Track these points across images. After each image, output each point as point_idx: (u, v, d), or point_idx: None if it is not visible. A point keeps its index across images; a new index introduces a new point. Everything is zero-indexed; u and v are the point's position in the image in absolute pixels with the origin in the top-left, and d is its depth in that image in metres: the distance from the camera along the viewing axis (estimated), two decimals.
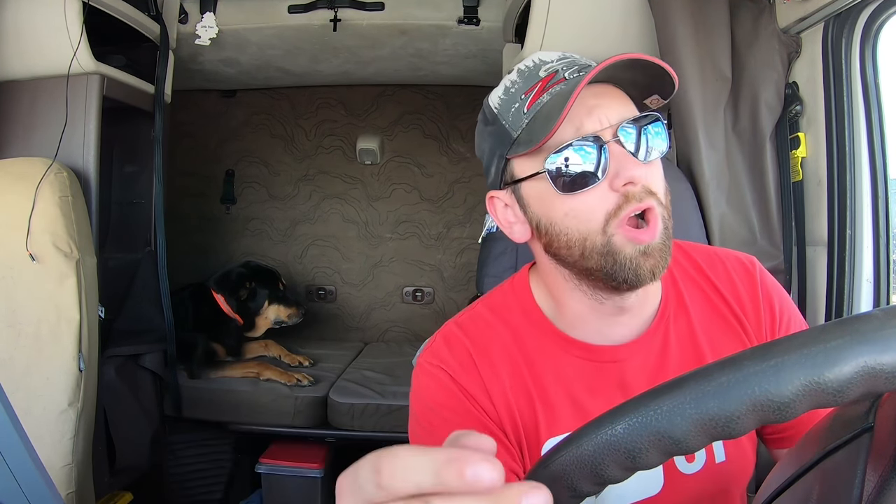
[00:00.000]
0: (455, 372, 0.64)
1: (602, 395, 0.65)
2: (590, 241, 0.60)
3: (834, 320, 0.42)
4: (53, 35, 1.48)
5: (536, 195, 0.63)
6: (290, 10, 1.93)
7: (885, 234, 1.12)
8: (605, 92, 0.60)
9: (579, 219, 0.60)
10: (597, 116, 0.59)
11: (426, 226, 2.77)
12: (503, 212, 0.68)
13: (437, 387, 0.65)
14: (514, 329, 0.68)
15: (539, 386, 0.65)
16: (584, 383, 0.65)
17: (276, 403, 1.92)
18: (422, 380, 0.67)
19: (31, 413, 1.30)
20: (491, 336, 0.67)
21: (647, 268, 0.59)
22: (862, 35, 1.10)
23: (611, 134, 0.58)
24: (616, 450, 0.38)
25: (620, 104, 0.60)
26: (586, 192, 0.59)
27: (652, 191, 0.59)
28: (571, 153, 0.58)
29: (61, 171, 1.43)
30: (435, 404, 0.64)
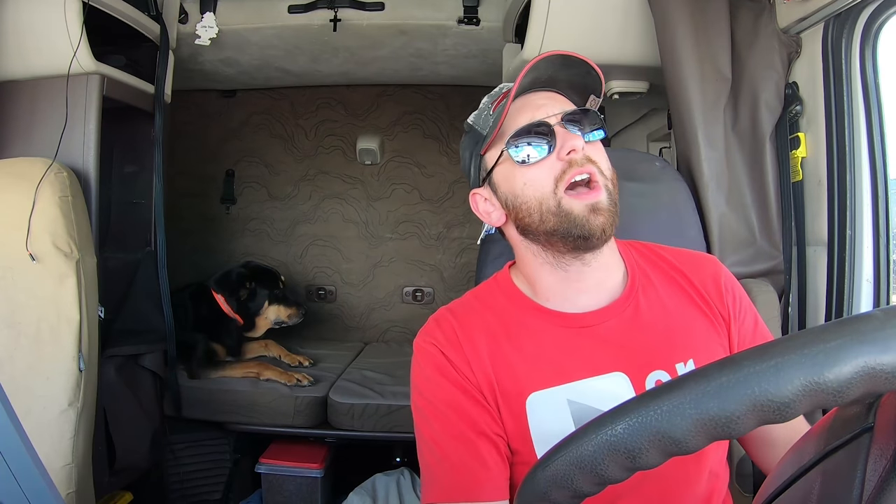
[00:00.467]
0: (443, 346, 0.76)
1: (578, 354, 0.75)
2: (544, 205, 0.74)
3: (834, 320, 0.42)
4: (53, 35, 1.48)
5: (503, 176, 0.78)
6: (290, 10, 1.93)
7: (885, 234, 1.12)
8: (551, 96, 0.78)
9: (534, 186, 0.74)
10: (544, 111, 0.75)
11: (426, 226, 2.76)
12: (483, 205, 0.82)
13: (430, 359, 0.77)
14: (497, 310, 0.80)
15: (520, 353, 0.76)
16: (560, 346, 0.76)
17: (276, 403, 1.92)
18: (418, 355, 0.79)
19: (31, 413, 1.30)
20: (475, 317, 0.79)
21: (597, 224, 0.72)
22: (862, 35, 1.10)
23: (556, 120, 0.74)
24: (616, 450, 0.38)
25: (562, 104, 0.77)
26: (538, 163, 0.74)
27: (593, 160, 0.74)
28: (524, 135, 0.74)
29: (61, 171, 1.43)
30: (429, 373, 0.76)
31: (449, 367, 0.75)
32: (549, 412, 0.73)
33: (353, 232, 2.78)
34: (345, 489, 1.90)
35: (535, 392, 0.73)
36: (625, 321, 0.77)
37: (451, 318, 0.79)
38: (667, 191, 1.20)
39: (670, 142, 1.68)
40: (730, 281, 0.82)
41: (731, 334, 0.79)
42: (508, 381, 0.74)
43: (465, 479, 0.71)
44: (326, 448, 2.00)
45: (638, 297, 0.78)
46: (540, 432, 0.73)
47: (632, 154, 1.26)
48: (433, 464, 0.73)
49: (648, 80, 1.54)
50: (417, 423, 0.77)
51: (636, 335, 0.76)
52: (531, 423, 0.73)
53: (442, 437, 0.73)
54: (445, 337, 0.77)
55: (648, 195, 1.18)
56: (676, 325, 0.77)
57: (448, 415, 0.73)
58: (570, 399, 0.73)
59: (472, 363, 0.75)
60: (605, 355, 0.75)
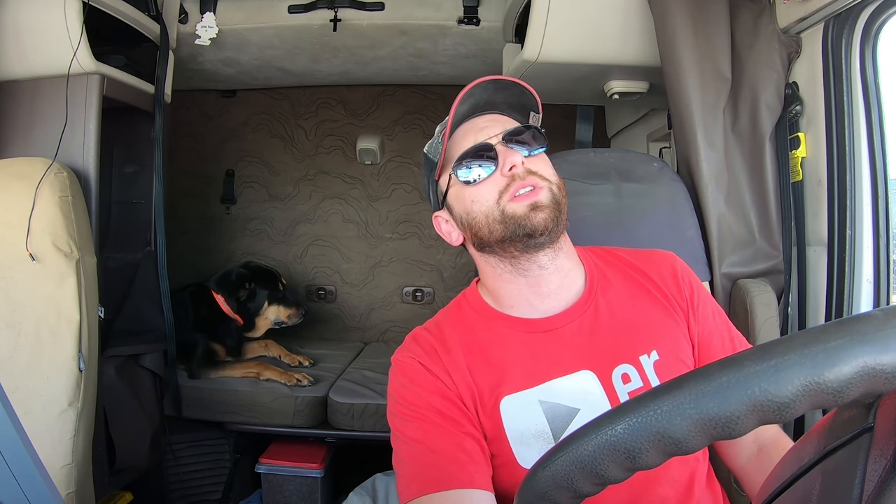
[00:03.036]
0: (423, 359, 0.80)
1: (545, 357, 0.79)
2: (490, 216, 0.78)
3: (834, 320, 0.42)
4: (53, 35, 1.48)
5: (455, 196, 0.83)
6: (290, 10, 1.93)
7: (885, 234, 1.12)
8: (494, 118, 0.83)
9: (481, 201, 0.79)
10: (486, 133, 0.81)
11: (426, 226, 2.76)
12: (445, 226, 0.87)
13: (409, 371, 0.80)
14: (467, 323, 0.84)
15: (491, 361, 0.79)
16: (528, 351, 0.79)
17: (276, 403, 1.92)
18: (396, 368, 0.82)
19: (31, 413, 1.30)
20: (449, 332, 0.83)
21: (538, 219, 0.76)
22: (862, 35, 1.10)
23: (497, 139, 0.80)
24: (616, 450, 0.38)
25: (504, 124, 0.82)
26: (484, 181, 0.79)
27: (535, 172, 0.78)
28: (469, 157, 0.80)
29: (61, 171, 1.43)
30: (407, 381, 0.79)
31: (429, 376, 0.78)
32: (523, 413, 0.76)
33: (353, 232, 2.78)
34: (345, 489, 1.90)
35: (507, 395, 0.77)
36: (587, 321, 0.81)
37: (427, 335, 0.83)
38: (665, 191, 1.20)
39: (670, 142, 1.68)
40: (686, 273, 0.87)
41: (690, 323, 0.83)
42: (484, 387, 0.78)
43: (453, 468, 0.71)
44: (326, 448, 2.00)
45: (598, 298, 0.83)
46: (515, 432, 0.76)
47: (630, 154, 1.26)
48: (415, 460, 0.73)
49: (648, 80, 1.54)
50: (396, 427, 0.77)
51: (599, 333, 0.80)
52: (506, 424, 0.76)
53: (426, 436, 0.74)
54: (424, 350, 0.81)
55: (647, 196, 1.18)
56: (637, 319, 0.82)
57: (431, 417, 0.75)
58: (541, 399, 0.77)
59: (451, 373, 0.78)
60: (571, 355, 0.78)
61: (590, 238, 1.05)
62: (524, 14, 1.50)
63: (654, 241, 1.10)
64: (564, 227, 0.80)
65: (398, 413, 0.78)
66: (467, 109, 0.83)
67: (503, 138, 0.80)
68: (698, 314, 0.84)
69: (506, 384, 0.77)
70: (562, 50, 1.42)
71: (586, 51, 1.43)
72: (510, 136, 0.80)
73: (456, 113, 0.81)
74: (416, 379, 0.78)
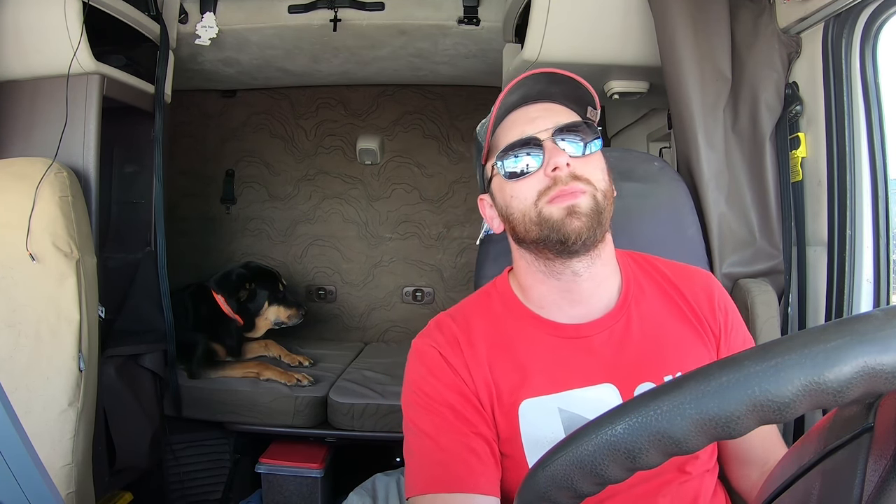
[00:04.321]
0: (443, 349, 0.77)
1: (570, 365, 0.76)
2: (527, 216, 0.75)
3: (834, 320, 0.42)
4: (53, 35, 1.48)
5: (497, 187, 0.80)
6: (290, 10, 1.93)
7: (885, 234, 1.12)
8: (548, 107, 0.77)
9: (519, 198, 0.76)
10: (536, 124, 0.76)
11: (426, 226, 2.76)
12: (489, 210, 0.84)
13: (428, 361, 0.78)
14: (494, 317, 0.81)
15: (515, 360, 0.77)
16: (553, 356, 0.77)
17: (276, 403, 1.92)
18: (415, 355, 0.80)
19: (31, 413, 1.30)
20: (474, 324, 0.80)
21: (573, 227, 0.72)
22: (862, 35, 1.10)
23: (547, 135, 0.75)
24: (616, 450, 0.38)
25: (558, 115, 0.76)
26: (526, 178, 0.75)
27: (579, 176, 0.73)
28: (513, 149, 0.76)
29: (61, 171, 1.43)
30: (426, 372, 0.77)
31: (447, 369, 0.76)
32: (541, 419, 0.74)
33: (353, 232, 2.78)
34: (345, 489, 1.90)
35: (527, 399, 0.75)
36: (616, 333, 0.78)
37: (451, 324, 0.80)
38: (666, 191, 1.20)
39: (670, 142, 1.68)
40: (723, 298, 0.84)
41: (721, 350, 0.81)
42: (504, 386, 0.76)
43: (460, 470, 0.71)
44: (326, 448, 2.00)
45: (630, 310, 0.79)
46: (531, 437, 0.74)
47: (631, 154, 1.26)
48: (424, 456, 0.73)
49: (648, 80, 1.54)
50: (409, 416, 0.77)
51: (626, 347, 0.77)
52: (523, 428, 0.74)
53: (436, 432, 0.73)
54: (446, 340, 0.78)
55: (647, 195, 1.18)
56: (667, 338, 0.78)
57: (443, 412, 0.74)
58: (560, 407, 0.75)
59: (470, 367, 0.76)
60: (596, 367, 0.76)
61: None
62: (524, 14, 1.50)
63: (656, 240, 1.10)
64: (604, 235, 0.76)
65: (412, 403, 0.76)
66: (518, 99, 0.77)
67: (553, 133, 0.74)
68: (729, 342, 0.81)
69: (527, 387, 0.75)
70: (562, 50, 1.42)
71: (586, 51, 1.43)
72: (561, 131, 0.74)
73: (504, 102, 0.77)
74: (433, 370, 0.76)
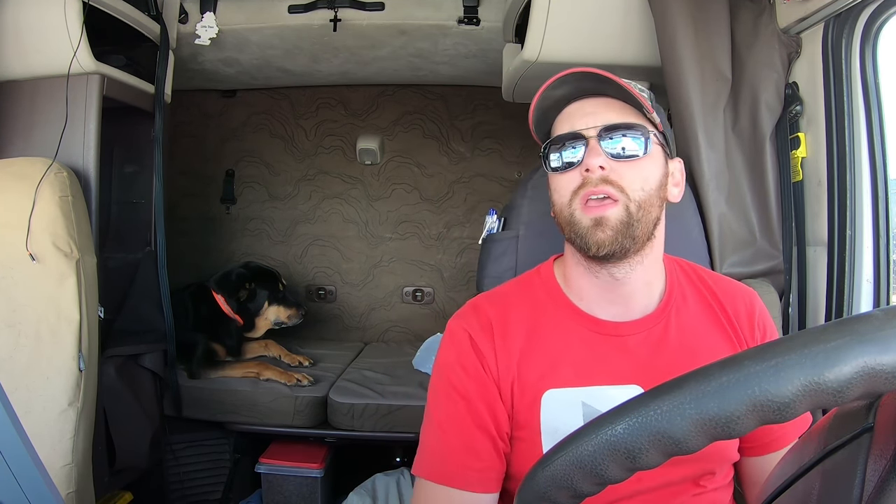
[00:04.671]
0: (475, 333, 0.78)
1: (601, 360, 0.76)
2: (562, 214, 0.76)
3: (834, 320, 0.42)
4: (53, 35, 1.48)
5: (548, 174, 0.79)
6: (290, 10, 1.92)
7: (885, 234, 1.12)
8: (608, 103, 0.75)
9: (559, 194, 0.76)
10: (587, 120, 0.74)
11: (426, 226, 2.76)
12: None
13: (459, 346, 0.78)
14: (534, 303, 0.80)
15: (547, 349, 0.77)
16: (585, 349, 0.77)
17: (276, 403, 1.92)
18: (448, 338, 0.80)
19: (31, 413, 1.30)
20: (511, 309, 0.80)
21: (596, 239, 0.72)
22: (862, 35, 1.10)
23: (593, 132, 0.73)
24: (616, 450, 0.38)
25: (611, 113, 0.74)
26: (566, 172, 0.75)
27: (612, 182, 0.72)
28: (558, 143, 0.75)
29: (61, 171, 1.43)
30: (453, 360, 0.78)
31: (473, 357, 0.77)
32: (562, 410, 0.75)
33: (353, 232, 2.78)
34: (345, 489, 1.90)
35: (552, 389, 0.75)
36: (653, 337, 0.77)
37: (489, 308, 0.80)
38: None
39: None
40: (763, 317, 0.83)
41: None
42: (530, 373, 0.76)
43: (454, 467, 0.74)
44: (326, 448, 2.00)
45: (670, 316, 0.79)
46: (550, 427, 0.75)
47: None
48: (431, 442, 0.77)
49: (648, 80, 1.54)
50: (429, 399, 0.80)
51: (662, 353, 0.77)
52: (543, 417, 0.75)
53: (445, 422, 0.76)
54: (480, 324, 0.78)
55: None
56: (703, 348, 0.77)
57: (457, 403, 0.76)
58: (584, 401, 0.75)
59: (498, 354, 0.77)
60: (627, 367, 0.76)
61: None
62: (524, 14, 1.50)
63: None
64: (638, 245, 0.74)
65: (434, 385, 0.79)
66: (574, 91, 0.76)
67: (599, 132, 0.73)
68: None
69: (553, 377, 0.76)
70: (562, 50, 1.42)
71: (586, 51, 1.43)
72: (608, 130, 0.73)
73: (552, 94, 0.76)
74: (461, 358, 0.77)
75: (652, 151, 0.74)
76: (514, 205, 1.09)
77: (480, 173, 2.75)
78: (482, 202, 2.72)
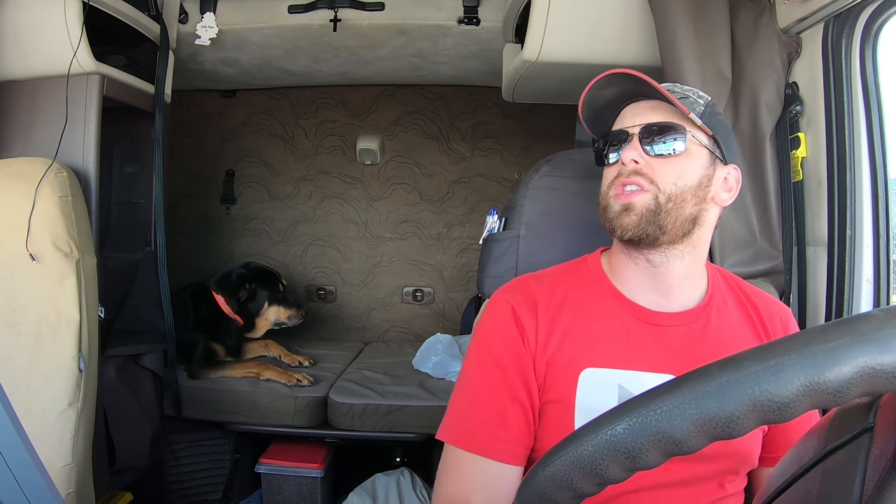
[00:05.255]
0: (518, 307, 0.81)
1: (640, 346, 0.79)
2: (602, 201, 0.81)
3: (834, 320, 0.42)
4: (53, 35, 1.48)
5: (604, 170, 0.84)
6: (290, 10, 1.92)
7: (885, 234, 1.12)
8: (653, 105, 0.80)
9: (603, 183, 0.82)
10: (633, 120, 0.80)
11: (426, 226, 2.76)
12: None
13: (500, 317, 0.82)
14: (581, 285, 0.84)
15: (589, 329, 0.80)
16: (626, 334, 0.80)
17: (276, 403, 1.92)
18: (491, 308, 0.84)
19: (30, 413, 1.30)
20: (557, 287, 0.83)
21: (622, 222, 0.77)
22: (862, 35, 1.10)
23: (636, 130, 0.78)
24: (616, 450, 0.38)
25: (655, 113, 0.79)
26: (610, 166, 0.81)
27: (644, 173, 0.77)
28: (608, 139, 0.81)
29: (61, 171, 1.43)
30: (493, 329, 0.82)
31: (514, 329, 0.80)
32: (599, 390, 0.77)
33: (353, 232, 2.78)
34: (345, 489, 1.90)
35: (590, 368, 0.78)
36: (693, 332, 0.80)
37: (534, 286, 0.84)
38: None
39: None
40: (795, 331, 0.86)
41: None
42: (569, 351, 0.79)
43: (484, 436, 0.76)
44: (326, 448, 2.00)
45: (710, 315, 0.82)
46: (584, 404, 0.77)
47: None
48: (462, 409, 0.80)
49: None
50: (463, 366, 0.83)
51: (699, 348, 0.79)
52: (579, 394, 0.77)
53: (478, 390, 0.79)
54: (524, 299, 0.82)
55: None
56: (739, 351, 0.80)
57: (492, 371, 0.79)
58: (620, 384, 0.77)
59: (539, 329, 0.80)
60: (665, 356, 0.78)
61: (598, 237, 1.05)
62: (524, 14, 1.49)
63: None
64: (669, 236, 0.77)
65: (471, 353, 0.83)
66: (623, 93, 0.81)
67: (641, 129, 0.78)
68: None
69: (593, 356, 0.78)
70: (562, 50, 1.42)
71: (586, 51, 1.43)
72: (647, 128, 0.78)
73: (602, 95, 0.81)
74: (500, 328, 0.81)
75: (690, 151, 0.78)
76: (515, 205, 1.08)
77: (480, 173, 2.75)
78: (482, 202, 2.73)
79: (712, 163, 0.79)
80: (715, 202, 0.80)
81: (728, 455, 0.77)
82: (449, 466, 0.78)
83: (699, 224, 0.79)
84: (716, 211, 0.81)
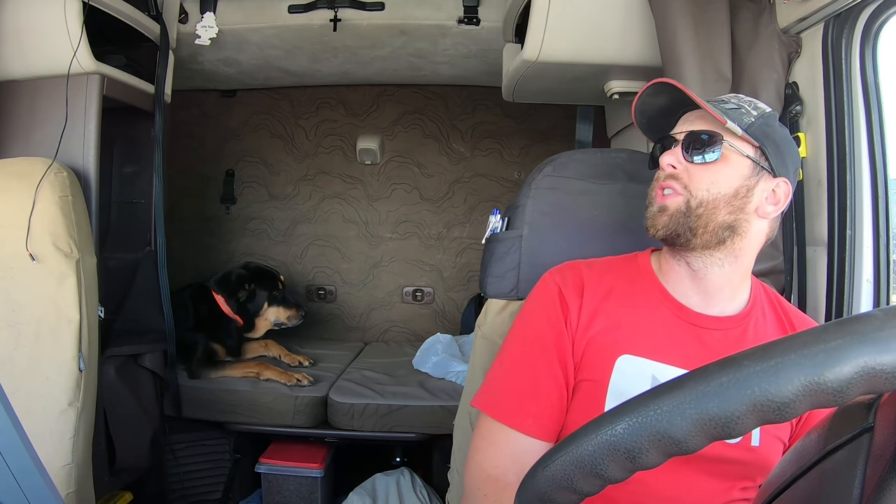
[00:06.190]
0: (565, 288, 0.85)
1: (678, 343, 0.81)
2: (647, 200, 0.85)
3: (834, 320, 0.42)
4: (53, 35, 1.48)
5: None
6: (290, 10, 1.92)
7: (885, 234, 1.12)
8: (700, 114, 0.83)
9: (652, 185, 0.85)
10: (682, 126, 0.84)
11: (426, 226, 2.77)
12: None
13: (546, 295, 0.86)
14: (628, 277, 0.88)
15: (632, 319, 0.83)
16: (666, 328, 0.83)
17: (276, 403, 1.92)
18: (541, 285, 0.88)
19: (31, 413, 1.30)
20: (606, 274, 0.87)
21: (654, 221, 0.81)
22: (862, 35, 1.10)
23: (681, 137, 0.82)
24: (616, 450, 0.38)
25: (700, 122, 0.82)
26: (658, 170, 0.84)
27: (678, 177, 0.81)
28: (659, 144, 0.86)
29: (61, 171, 1.43)
30: (538, 307, 0.86)
31: (559, 309, 0.84)
32: (633, 377, 0.80)
33: (353, 232, 2.78)
34: (345, 489, 1.90)
35: (628, 354, 0.81)
36: (731, 337, 0.82)
37: (584, 271, 0.88)
38: None
39: None
40: None
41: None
42: (610, 335, 0.82)
43: (515, 408, 0.80)
44: (326, 448, 2.00)
45: (749, 324, 0.84)
46: (617, 388, 0.79)
47: (638, 155, 1.26)
48: (498, 380, 0.84)
49: (649, 80, 1.53)
50: (507, 338, 0.88)
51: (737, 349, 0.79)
52: (614, 378, 0.80)
53: (516, 363, 0.83)
54: (573, 281, 0.86)
55: None
56: None
57: (532, 345, 0.83)
58: (654, 374, 0.79)
59: (582, 311, 0.83)
60: (702, 356, 0.79)
61: (599, 238, 1.05)
62: (524, 14, 1.49)
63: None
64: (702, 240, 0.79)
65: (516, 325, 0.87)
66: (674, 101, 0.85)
67: (685, 137, 0.82)
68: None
69: (631, 343, 0.81)
70: (562, 50, 1.42)
71: (586, 51, 1.43)
72: (688, 136, 0.81)
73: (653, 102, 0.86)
74: (546, 306, 0.84)
75: (727, 160, 0.79)
76: (518, 204, 1.08)
77: (480, 173, 2.75)
78: (482, 202, 2.73)
79: (755, 174, 0.79)
80: (758, 214, 0.80)
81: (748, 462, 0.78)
82: (484, 434, 0.81)
83: (738, 234, 0.79)
84: (761, 224, 0.81)
